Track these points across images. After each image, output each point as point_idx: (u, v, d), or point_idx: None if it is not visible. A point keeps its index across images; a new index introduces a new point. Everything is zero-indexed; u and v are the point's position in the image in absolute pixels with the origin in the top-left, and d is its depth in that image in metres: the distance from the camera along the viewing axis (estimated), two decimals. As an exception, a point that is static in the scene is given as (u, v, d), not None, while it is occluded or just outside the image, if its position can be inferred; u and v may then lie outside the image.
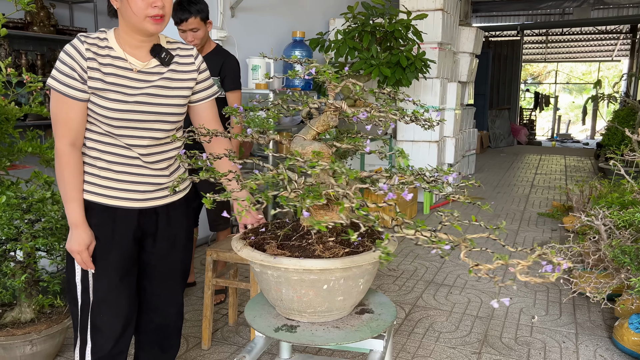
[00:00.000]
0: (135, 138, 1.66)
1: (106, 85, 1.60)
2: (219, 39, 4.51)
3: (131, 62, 1.63)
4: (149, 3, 1.54)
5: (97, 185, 1.68)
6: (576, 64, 20.62)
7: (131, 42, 1.63)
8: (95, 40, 1.61)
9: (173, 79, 1.70)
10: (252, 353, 1.54)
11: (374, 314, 1.63)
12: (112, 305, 1.75)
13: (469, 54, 7.36)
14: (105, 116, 1.61)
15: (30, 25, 5.17)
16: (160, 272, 1.86)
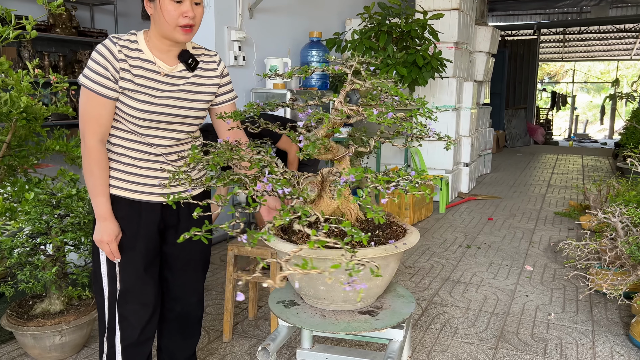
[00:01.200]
0: (158, 138, 1.75)
1: (136, 86, 1.67)
2: (238, 39, 4.59)
3: (159, 65, 1.71)
4: (180, 13, 1.61)
5: (122, 180, 1.76)
6: (594, 63, 20.39)
7: (160, 47, 1.71)
8: (126, 42, 1.68)
9: (198, 83, 1.79)
10: (276, 341, 1.60)
11: (393, 304, 1.68)
12: (138, 294, 1.83)
13: (485, 53, 7.36)
14: (132, 116, 1.69)
15: (53, 27, 5.30)
16: (182, 263, 1.95)
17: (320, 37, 5.39)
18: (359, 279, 1.28)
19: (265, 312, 3.14)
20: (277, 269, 2.63)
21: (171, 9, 1.61)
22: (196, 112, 1.79)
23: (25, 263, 2.41)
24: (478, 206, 6.14)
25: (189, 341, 2.10)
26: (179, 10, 1.61)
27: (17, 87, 2.38)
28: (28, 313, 2.51)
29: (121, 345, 1.84)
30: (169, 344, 2.08)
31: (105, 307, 1.84)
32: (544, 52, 16.65)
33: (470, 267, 4.00)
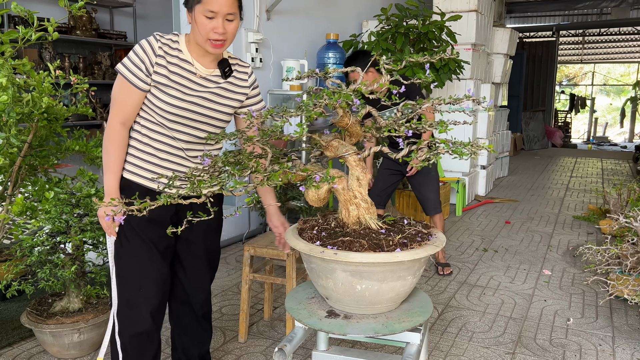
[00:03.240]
0: (182, 133, 1.81)
1: (170, 82, 1.75)
2: (255, 41, 4.60)
3: (197, 67, 1.79)
4: (212, 28, 1.68)
5: (141, 167, 1.83)
6: (614, 65, 20.09)
7: (197, 51, 1.79)
8: (168, 41, 1.77)
9: (228, 89, 1.86)
10: (292, 342, 1.60)
11: (411, 307, 1.67)
12: (146, 283, 1.86)
13: (503, 55, 7.30)
14: (162, 109, 1.76)
15: (73, 29, 5.38)
16: (192, 259, 2.00)
17: (337, 39, 5.39)
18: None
19: (280, 313, 3.14)
20: (293, 270, 2.63)
21: (204, 23, 1.68)
22: (221, 114, 1.85)
23: (45, 261, 2.44)
24: (495, 209, 6.08)
25: (200, 338, 2.12)
26: (210, 25, 1.68)
27: (38, 88, 2.41)
28: (47, 311, 2.55)
29: (126, 333, 1.88)
30: (181, 342, 2.12)
31: (115, 292, 1.88)
32: (562, 54, 16.46)
33: (487, 271, 3.96)
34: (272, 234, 2.95)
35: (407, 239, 1.56)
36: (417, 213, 5.15)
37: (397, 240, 1.53)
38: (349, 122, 1.64)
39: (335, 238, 1.56)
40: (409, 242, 1.54)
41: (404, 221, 1.73)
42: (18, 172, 2.51)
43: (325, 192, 1.65)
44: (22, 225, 2.49)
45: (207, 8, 1.65)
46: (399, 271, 1.51)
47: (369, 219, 1.63)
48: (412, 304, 1.71)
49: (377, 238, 1.55)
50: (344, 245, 1.51)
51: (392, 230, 1.62)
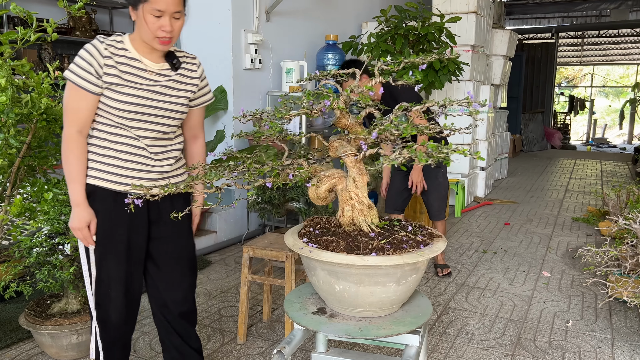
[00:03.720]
0: (143, 130, 1.83)
1: (122, 80, 1.77)
2: (254, 42, 4.60)
3: (145, 63, 1.82)
4: (159, 26, 1.72)
5: (105, 172, 1.83)
6: (613, 67, 20.11)
7: (144, 49, 1.82)
8: (112, 42, 1.79)
9: (179, 81, 1.89)
10: (291, 344, 1.60)
11: (410, 309, 1.67)
12: (118, 283, 1.88)
13: (502, 57, 7.30)
14: (118, 109, 1.77)
15: (72, 30, 5.37)
16: (167, 257, 1.99)
17: (336, 40, 5.40)
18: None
19: (279, 315, 3.14)
20: (292, 272, 2.63)
21: (151, 21, 1.71)
22: (177, 106, 1.87)
23: (43, 262, 2.43)
24: (494, 211, 6.08)
25: (186, 339, 2.09)
26: (157, 23, 1.71)
27: (37, 88, 2.41)
28: (46, 312, 2.54)
29: (99, 331, 1.93)
30: (169, 341, 2.09)
31: (91, 293, 1.91)
32: (562, 56, 16.47)
33: (486, 273, 3.96)
34: (272, 235, 2.95)
35: (391, 244, 1.54)
36: (416, 215, 5.14)
37: (377, 244, 1.53)
38: (348, 123, 1.64)
39: (322, 236, 1.61)
40: (393, 247, 1.52)
41: (407, 227, 1.70)
42: (17, 173, 2.50)
43: (324, 192, 1.65)
44: (20, 226, 2.48)
45: (155, 7, 1.68)
46: (376, 276, 1.50)
47: (362, 221, 1.63)
48: (411, 305, 1.71)
49: (359, 240, 1.55)
50: (323, 244, 1.55)
51: (383, 234, 1.60)
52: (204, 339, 2.82)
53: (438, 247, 1.60)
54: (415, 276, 1.58)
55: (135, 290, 1.96)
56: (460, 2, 5.95)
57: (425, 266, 1.62)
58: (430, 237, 1.68)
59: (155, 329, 2.88)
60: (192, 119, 2.02)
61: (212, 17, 4.51)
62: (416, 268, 1.56)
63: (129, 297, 1.94)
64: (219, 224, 4.50)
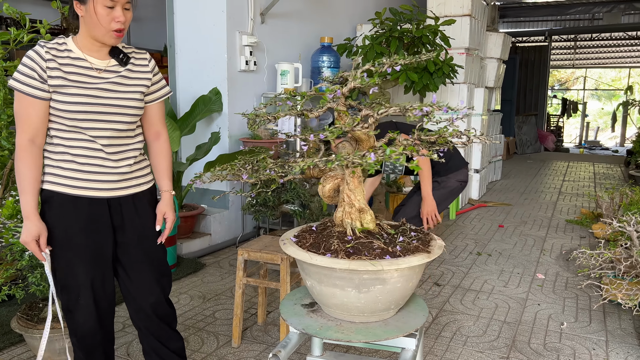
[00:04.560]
0: (98, 130, 1.78)
1: (67, 82, 1.73)
2: (249, 44, 4.59)
3: (90, 61, 1.78)
4: (112, 18, 1.70)
5: (62, 176, 1.79)
6: (605, 70, 20.23)
7: (90, 47, 1.78)
8: (54, 45, 1.76)
9: (129, 77, 1.85)
10: (287, 348, 1.59)
11: (406, 312, 1.66)
12: (85, 289, 1.84)
13: (496, 60, 7.33)
14: (68, 110, 1.73)
15: (65, 32, 5.33)
16: (134, 262, 1.94)
17: (331, 43, 5.39)
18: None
19: (274, 318, 3.12)
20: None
21: (104, 13, 1.68)
22: (129, 102, 1.83)
23: (36, 266, 2.41)
24: (488, 213, 6.09)
25: (164, 342, 2.05)
26: (111, 15, 1.69)
27: (30, 90, 2.39)
28: (38, 316, 2.51)
29: (76, 341, 1.91)
30: (147, 344, 2.07)
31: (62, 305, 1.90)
32: (555, 59, 16.56)
33: (481, 275, 3.96)
34: (267, 237, 2.93)
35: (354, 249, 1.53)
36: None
37: (338, 246, 1.54)
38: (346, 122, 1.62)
39: (314, 233, 1.67)
40: (355, 252, 1.52)
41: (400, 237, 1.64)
42: (9, 175, 2.48)
43: (329, 191, 1.67)
44: (12, 229, 2.45)
45: None
46: (332, 278, 1.51)
47: (348, 223, 1.65)
48: (407, 309, 1.70)
49: (331, 241, 1.57)
50: (297, 240, 1.63)
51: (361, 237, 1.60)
52: (198, 342, 2.80)
53: (409, 261, 1.49)
54: (381, 287, 1.50)
55: (107, 296, 1.91)
56: (454, 4, 5.96)
57: (400, 280, 1.52)
58: (415, 251, 1.56)
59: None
60: (151, 115, 1.96)
61: (206, 18, 4.50)
62: (380, 279, 1.48)
63: (100, 303, 1.89)
64: (213, 227, 4.48)
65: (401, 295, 1.58)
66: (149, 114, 1.96)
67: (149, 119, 1.96)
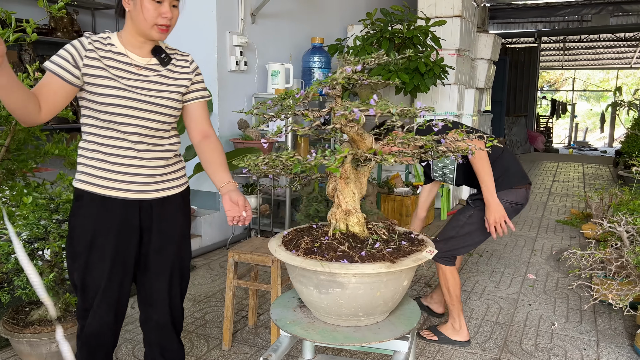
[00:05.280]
0: (130, 126, 1.75)
1: (105, 72, 1.72)
2: (240, 44, 4.57)
3: (131, 57, 1.77)
4: (159, 13, 1.70)
5: (94, 176, 1.77)
6: (594, 71, 20.40)
7: (134, 43, 1.78)
8: (98, 37, 1.77)
9: (168, 77, 1.83)
10: (277, 352, 1.56)
11: (398, 314, 1.65)
12: (104, 291, 1.81)
13: (487, 61, 7.35)
14: (101, 102, 1.71)
15: (54, 31, 5.28)
16: (156, 266, 1.91)
17: (322, 43, 5.38)
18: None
19: (265, 320, 3.10)
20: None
21: (151, 7, 1.69)
22: (168, 101, 1.81)
23: (22, 269, 2.36)
24: (479, 214, 6.10)
25: (167, 353, 2.02)
26: (158, 10, 1.70)
27: (16, 90, 2.34)
28: (24, 320, 2.47)
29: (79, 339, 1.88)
30: (149, 348, 2.03)
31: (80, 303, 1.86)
32: (544, 60, 16.67)
33: (472, 276, 3.96)
34: (257, 239, 2.91)
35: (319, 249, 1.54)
36: (402, 217, 5.14)
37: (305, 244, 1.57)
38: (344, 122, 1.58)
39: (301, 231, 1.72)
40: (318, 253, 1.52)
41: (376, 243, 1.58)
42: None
43: (331, 190, 1.67)
44: (-3, 232, 2.42)
45: None
46: (297, 275, 1.55)
47: (333, 223, 1.65)
48: (399, 311, 1.69)
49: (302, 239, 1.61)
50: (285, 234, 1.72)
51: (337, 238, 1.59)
52: (188, 345, 2.77)
53: (361, 268, 1.43)
54: (340, 291, 1.47)
55: (123, 299, 1.88)
56: (445, 5, 5.97)
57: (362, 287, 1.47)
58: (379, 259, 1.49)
59: (138, 336, 2.82)
60: (194, 114, 1.92)
61: (196, 18, 4.47)
62: (336, 282, 1.46)
63: (115, 306, 1.85)
64: (203, 228, 4.44)
65: (368, 304, 1.50)
66: (192, 114, 1.92)
67: (194, 118, 1.92)
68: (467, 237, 2.77)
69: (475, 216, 2.75)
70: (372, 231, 1.66)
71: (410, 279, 1.59)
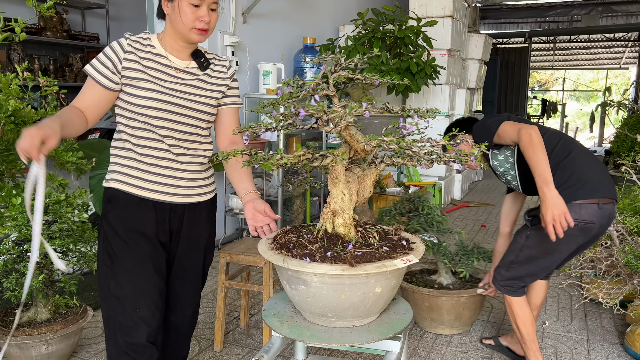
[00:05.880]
0: (168, 129, 1.74)
1: (144, 75, 1.71)
2: (231, 44, 4.55)
3: (171, 60, 1.77)
4: (197, 17, 1.68)
5: (130, 176, 1.74)
6: (583, 72, 20.57)
7: (173, 45, 1.77)
8: (138, 38, 1.76)
9: (207, 81, 1.82)
10: (269, 353, 1.56)
11: (390, 314, 1.65)
12: (142, 303, 1.72)
13: (478, 61, 7.39)
14: (140, 105, 1.70)
15: (43, 31, 5.25)
16: (181, 271, 1.87)
17: (313, 43, 5.38)
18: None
19: (257, 321, 3.09)
20: (270, 277, 2.60)
21: (188, 11, 1.67)
22: (204, 107, 1.79)
23: (11, 270, 2.35)
24: (470, 213, 6.13)
25: (175, 354, 2.01)
26: (196, 14, 1.68)
27: (5, 90, 2.33)
28: (13, 322, 2.45)
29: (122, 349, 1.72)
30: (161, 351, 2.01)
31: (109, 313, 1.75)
32: (534, 60, 16.78)
33: (463, 275, 3.97)
34: (249, 239, 2.90)
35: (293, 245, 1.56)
36: (394, 217, 5.14)
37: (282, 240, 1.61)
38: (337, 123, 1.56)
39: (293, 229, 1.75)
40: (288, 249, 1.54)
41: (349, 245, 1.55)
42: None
43: None
44: (-14, 234, 2.39)
45: None
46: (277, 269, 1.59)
47: (320, 224, 1.64)
48: (391, 310, 1.69)
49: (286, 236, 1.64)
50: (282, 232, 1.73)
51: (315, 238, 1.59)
52: (179, 346, 2.76)
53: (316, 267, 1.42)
54: (305, 289, 1.48)
55: (162, 308, 1.79)
56: (436, 6, 5.99)
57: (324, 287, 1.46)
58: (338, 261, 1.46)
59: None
60: (225, 121, 1.89)
61: (187, 18, 4.45)
62: (301, 279, 1.47)
63: (157, 316, 1.75)
64: (195, 229, 4.42)
65: (334, 305, 1.48)
66: (223, 119, 1.90)
67: (224, 123, 1.90)
68: (529, 263, 2.25)
69: (533, 237, 2.24)
70: (361, 233, 1.64)
71: (385, 286, 1.50)
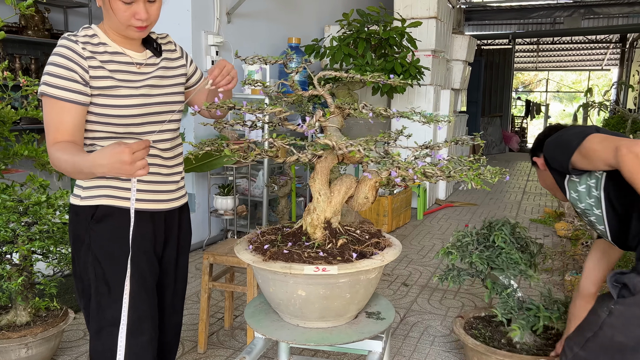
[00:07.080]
0: (142, 125, 1.57)
1: (115, 82, 1.50)
2: (215, 44, 4.53)
3: (130, 55, 1.56)
4: (132, 14, 1.46)
5: (121, 189, 1.57)
6: (566, 73, 20.83)
7: (122, 38, 1.56)
8: (85, 38, 1.51)
9: (167, 67, 1.65)
10: (252, 354, 1.55)
11: (373, 314, 1.65)
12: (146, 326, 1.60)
13: (462, 62, 7.44)
14: (122, 115, 1.51)
15: (24, 29, 5.17)
16: (169, 279, 1.77)
17: (298, 43, 5.37)
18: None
19: (241, 322, 3.08)
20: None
21: (122, 8, 1.45)
22: (175, 96, 1.64)
23: (-10, 273, 2.31)
24: (455, 213, 6.17)
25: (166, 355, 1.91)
26: (129, 10, 1.46)
27: (-17, 89, 2.29)
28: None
29: None
30: None
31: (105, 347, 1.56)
32: (518, 62, 16.95)
33: (448, 275, 3.99)
34: (233, 240, 2.89)
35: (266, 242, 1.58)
36: (379, 217, 5.16)
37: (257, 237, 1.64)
38: None
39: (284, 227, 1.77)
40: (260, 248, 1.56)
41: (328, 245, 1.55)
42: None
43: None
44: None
45: None
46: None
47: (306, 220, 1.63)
48: (373, 310, 1.69)
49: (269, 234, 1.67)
50: None
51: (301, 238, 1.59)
52: (163, 348, 2.74)
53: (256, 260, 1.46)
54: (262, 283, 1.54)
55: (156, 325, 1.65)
56: (420, 7, 6.02)
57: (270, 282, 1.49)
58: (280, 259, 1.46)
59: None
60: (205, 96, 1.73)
61: (171, 17, 4.42)
62: (260, 274, 1.52)
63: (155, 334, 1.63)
64: (179, 230, 4.39)
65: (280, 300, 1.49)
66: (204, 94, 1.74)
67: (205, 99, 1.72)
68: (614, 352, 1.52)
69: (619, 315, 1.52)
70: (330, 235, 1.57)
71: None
